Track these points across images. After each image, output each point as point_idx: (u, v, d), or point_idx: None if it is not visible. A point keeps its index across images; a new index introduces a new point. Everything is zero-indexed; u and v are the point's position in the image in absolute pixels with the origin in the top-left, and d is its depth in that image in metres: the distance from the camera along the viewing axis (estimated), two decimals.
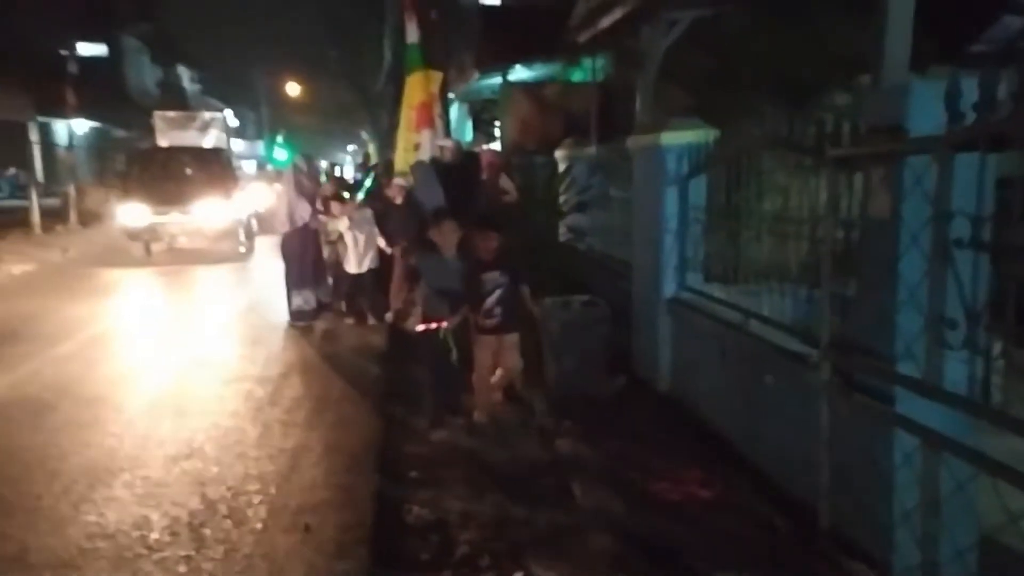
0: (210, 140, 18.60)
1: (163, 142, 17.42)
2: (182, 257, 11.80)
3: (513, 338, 4.36)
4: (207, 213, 11.55)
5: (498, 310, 4.24)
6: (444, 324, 4.30)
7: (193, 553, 2.96)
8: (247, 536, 3.11)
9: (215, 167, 13.06)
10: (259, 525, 3.21)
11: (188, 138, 18.21)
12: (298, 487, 3.60)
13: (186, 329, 7.31)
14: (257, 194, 14.76)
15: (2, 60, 20.62)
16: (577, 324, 4.81)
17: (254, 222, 13.53)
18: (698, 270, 4.57)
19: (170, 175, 12.65)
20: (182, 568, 2.84)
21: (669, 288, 4.69)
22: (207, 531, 3.14)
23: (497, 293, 4.22)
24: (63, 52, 20.08)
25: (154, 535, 3.10)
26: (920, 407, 2.20)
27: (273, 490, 3.56)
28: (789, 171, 3.40)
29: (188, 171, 13.04)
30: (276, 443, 4.18)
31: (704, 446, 3.87)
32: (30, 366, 5.77)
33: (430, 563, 2.96)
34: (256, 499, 3.46)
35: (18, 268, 10.99)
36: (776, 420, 3.24)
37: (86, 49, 24.04)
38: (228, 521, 3.24)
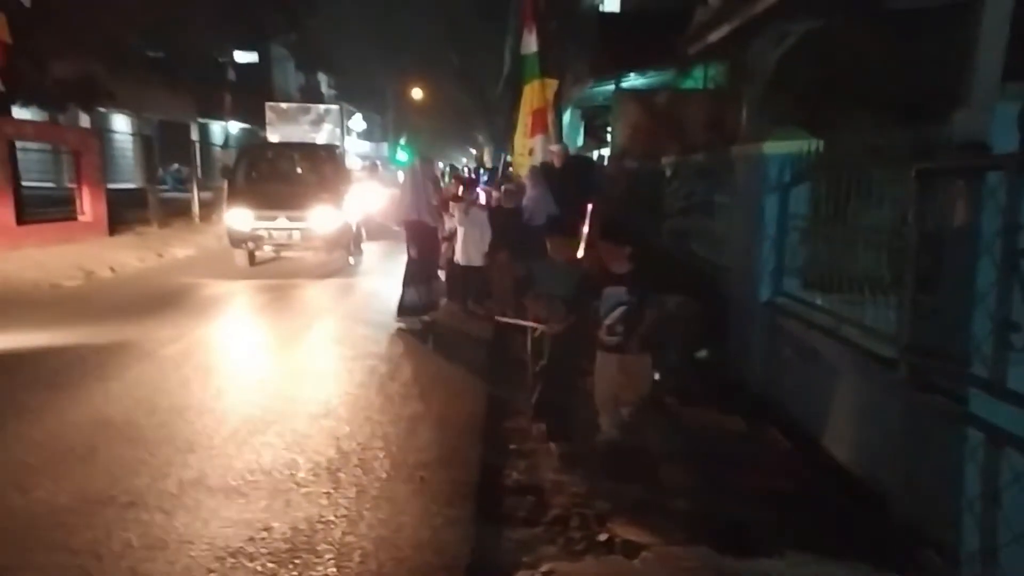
0: (323, 135, 17.32)
1: (274, 137, 16.67)
2: (287, 270, 10.74)
3: (638, 361, 3.95)
4: (317, 218, 10.34)
5: (620, 328, 3.87)
6: (539, 326, 4.22)
7: (331, 491, 3.55)
8: (374, 482, 3.66)
9: (328, 166, 11.69)
10: (383, 474, 3.76)
11: (300, 133, 17.10)
12: (414, 447, 4.13)
13: (319, 310, 8.16)
14: (369, 196, 13.48)
15: (172, 68, 23.29)
16: (668, 321, 5.05)
17: (363, 229, 12.45)
18: (795, 276, 4.71)
19: (279, 174, 11.58)
20: (324, 501, 3.43)
21: (765, 292, 4.86)
22: (342, 475, 3.73)
23: (620, 311, 3.86)
24: (222, 60, 22.35)
25: (300, 474, 3.72)
26: (987, 406, 2.36)
27: (394, 448, 4.12)
28: (885, 184, 3.53)
29: (298, 170, 11.82)
30: (396, 411, 4.77)
31: (790, 442, 4.04)
32: (195, 333, 6.77)
33: (525, 519, 3.38)
34: (380, 454, 4.03)
35: (182, 252, 12.56)
36: (858, 419, 3.40)
37: (240, 57, 26.54)
38: (359, 469, 3.81)
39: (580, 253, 4.29)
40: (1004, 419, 2.29)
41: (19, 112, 14.20)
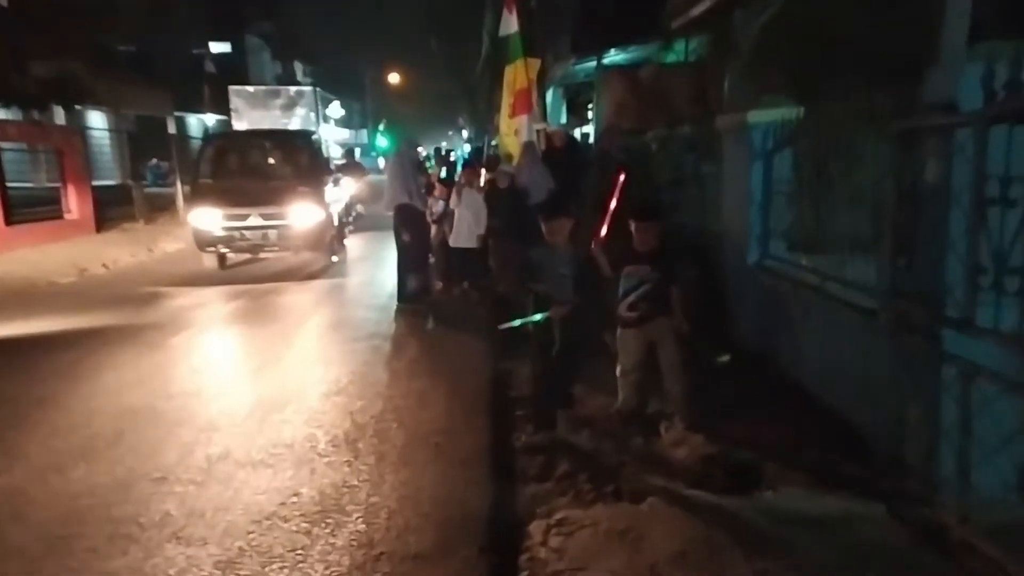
0: (297, 121, 15.28)
1: (240, 124, 14.33)
2: (262, 272, 9.68)
3: (665, 325, 3.82)
4: (294, 214, 9.27)
5: (642, 305, 3.82)
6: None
7: (352, 459, 3.74)
8: (391, 450, 3.86)
9: (303, 155, 10.48)
10: (400, 443, 3.95)
11: (271, 119, 14.97)
12: (427, 418, 4.33)
13: (321, 296, 8.30)
14: (350, 185, 12.88)
15: (147, 62, 23.05)
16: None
17: (349, 218, 11.80)
18: (781, 239, 4.92)
19: (248, 167, 10.33)
20: (346, 468, 3.62)
21: (754, 255, 5.07)
22: (360, 445, 3.92)
23: (643, 288, 3.80)
24: (198, 52, 22.12)
25: (321, 446, 3.91)
26: (959, 343, 2.58)
27: (407, 419, 4.31)
28: (865, 144, 3.72)
29: (270, 161, 10.65)
30: (404, 386, 4.96)
31: (783, 392, 4.28)
32: (204, 315, 6.88)
33: (537, 476, 3.58)
34: (394, 425, 4.22)
35: (172, 246, 12.59)
36: (844, 366, 3.64)
37: (215, 48, 26.26)
38: (375, 439, 4.00)
39: (603, 231, 4.17)
40: (975, 354, 2.52)
41: None
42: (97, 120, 23.34)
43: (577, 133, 14.14)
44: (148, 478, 3.53)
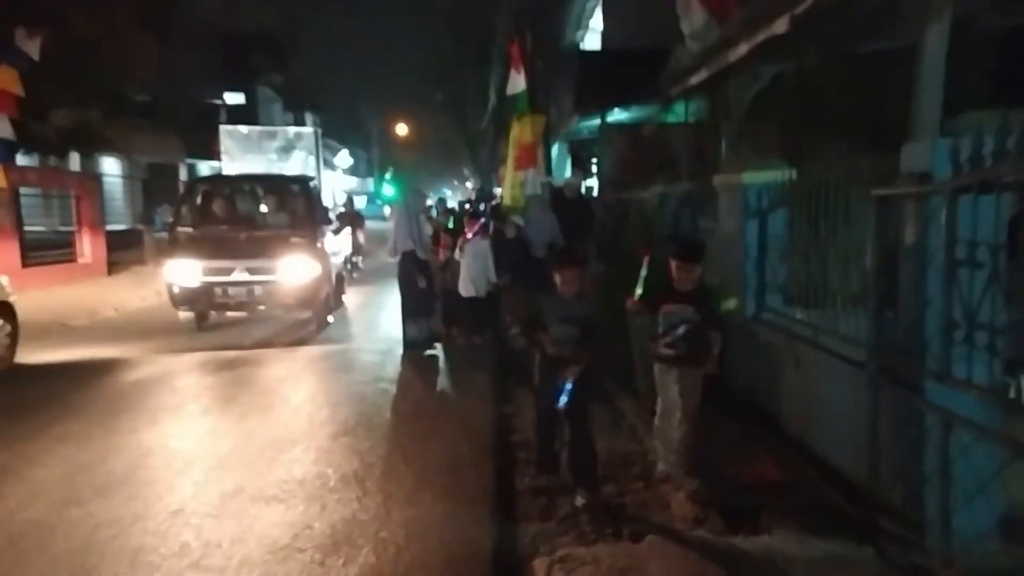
0: (295, 165, 13.51)
1: (231, 168, 12.86)
2: (247, 334, 8.58)
3: (696, 374, 3.83)
4: (286, 269, 8.27)
5: (682, 344, 3.76)
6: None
7: (361, 496, 3.87)
8: (399, 488, 3.99)
9: (299, 203, 9.42)
10: (407, 481, 4.09)
11: (265, 163, 13.39)
12: (432, 458, 4.47)
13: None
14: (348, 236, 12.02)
15: (161, 110, 23.78)
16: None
17: (348, 270, 11.11)
18: (777, 292, 5.14)
19: (237, 214, 9.32)
20: (355, 505, 3.76)
21: (750, 308, 5.29)
22: (368, 483, 4.06)
23: (683, 329, 3.74)
24: (214, 101, 22.82)
25: (331, 483, 4.05)
26: (940, 393, 2.77)
27: (413, 459, 4.45)
28: (851, 207, 3.98)
29: (263, 208, 9.88)
30: (410, 426, 5.11)
31: (777, 441, 4.43)
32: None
33: (539, 516, 3.71)
34: (401, 465, 4.36)
35: None
36: (834, 416, 3.81)
37: (229, 99, 27.09)
38: (383, 478, 4.14)
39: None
40: (954, 403, 2.70)
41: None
42: (110, 166, 23.95)
43: (582, 186, 14.58)
44: (165, 511, 3.67)
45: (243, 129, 13.86)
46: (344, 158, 47.85)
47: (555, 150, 15.43)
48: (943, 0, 2.94)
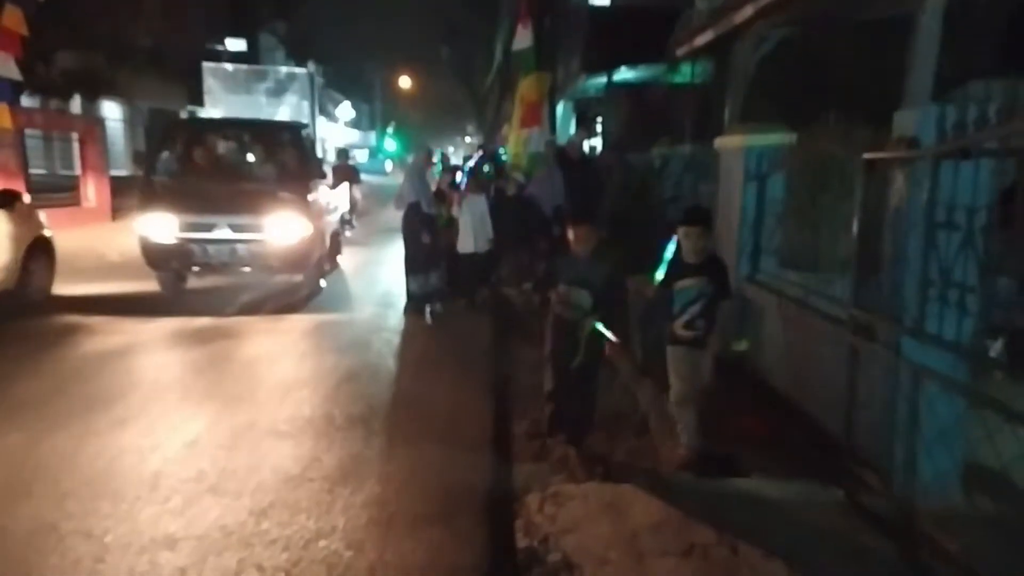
0: (287, 110, 12.15)
1: (215, 111, 11.08)
2: (225, 300, 7.60)
3: (708, 355, 3.72)
4: (275, 226, 7.36)
5: (700, 323, 3.61)
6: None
7: (367, 435, 4.10)
8: (401, 429, 4.23)
9: (290, 154, 8.48)
10: (409, 424, 4.32)
11: (253, 106, 11.72)
12: (433, 404, 4.70)
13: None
14: (342, 192, 11.14)
15: (163, 56, 23.51)
16: (659, 299, 5.63)
17: (343, 229, 10.34)
18: (772, 255, 5.30)
19: (220, 165, 8.48)
20: (361, 443, 3.99)
21: (745, 269, 5.45)
22: (374, 424, 4.29)
23: (700, 303, 3.57)
24: (216, 47, 22.56)
25: (337, 422, 4.28)
26: (914, 349, 2.95)
27: (416, 405, 4.68)
28: (845, 173, 4.11)
29: (249, 158, 8.90)
30: (413, 375, 5.33)
31: (763, 396, 4.64)
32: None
33: (533, 458, 3.93)
34: (404, 409, 4.59)
35: None
36: (817, 372, 4.01)
37: (231, 45, 26.72)
38: (387, 420, 4.38)
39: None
40: (926, 359, 2.89)
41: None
42: (112, 111, 23.79)
43: (586, 146, 14.57)
44: (181, 442, 3.90)
45: (228, 67, 11.59)
46: (346, 110, 47.35)
47: (560, 109, 15.36)
48: None
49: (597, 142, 14.11)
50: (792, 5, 3.78)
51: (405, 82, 43.68)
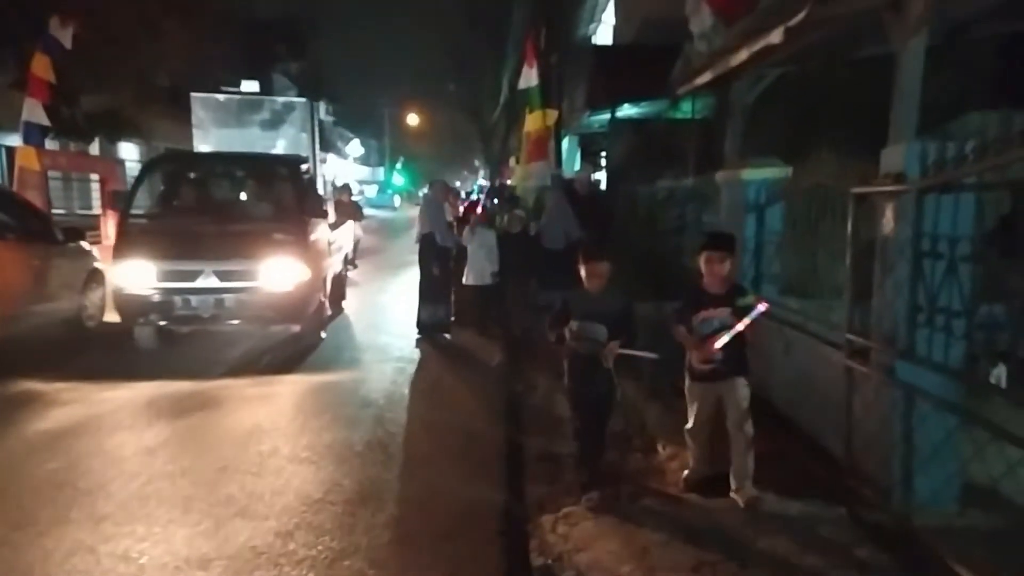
0: (283, 143, 10.85)
1: (204, 145, 9.95)
2: (211, 357, 6.72)
3: (738, 385, 3.56)
4: (268, 273, 6.54)
5: (718, 356, 3.48)
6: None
7: (385, 459, 4.28)
8: (418, 453, 4.42)
9: (286, 190, 7.73)
10: (425, 448, 4.51)
11: (247, 140, 10.56)
12: (449, 429, 4.87)
13: (338, 344, 7.59)
14: (347, 231, 10.47)
15: (178, 97, 24.23)
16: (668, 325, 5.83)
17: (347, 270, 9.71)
18: (772, 282, 5.49)
19: (206, 204, 7.64)
20: (380, 466, 4.16)
21: None
22: (391, 449, 4.47)
23: (725, 336, 3.42)
24: (229, 89, 23.25)
25: (357, 448, 4.45)
26: (907, 371, 3.12)
27: (431, 429, 4.86)
28: (839, 205, 4.31)
29: (241, 197, 8.25)
30: (429, 402, 5.51)
31: (767, 419, 4.78)
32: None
33: (546, 481, 4.08)
34: (420, 433, 4.78)
35: None
36: (817, 394, 4.16)
37: (244, 86, 27.50)
38: (404, 444, 4.56)
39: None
40: (919, 380, 3.06)
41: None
42: (128, 151, 24.42)
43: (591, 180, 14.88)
44: (211, 468, 4.08)
45: (219, 97, 10.08)
46: (355, 147, 48.30)
47: (565, 143, 15.73)
48: (920, 19, 3.25)
49: (601, 175, 14.43)
50: (782, 49, 4.02)
51: (413, 119, 44.56)
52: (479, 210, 8.38)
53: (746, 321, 3.38)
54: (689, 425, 3.76)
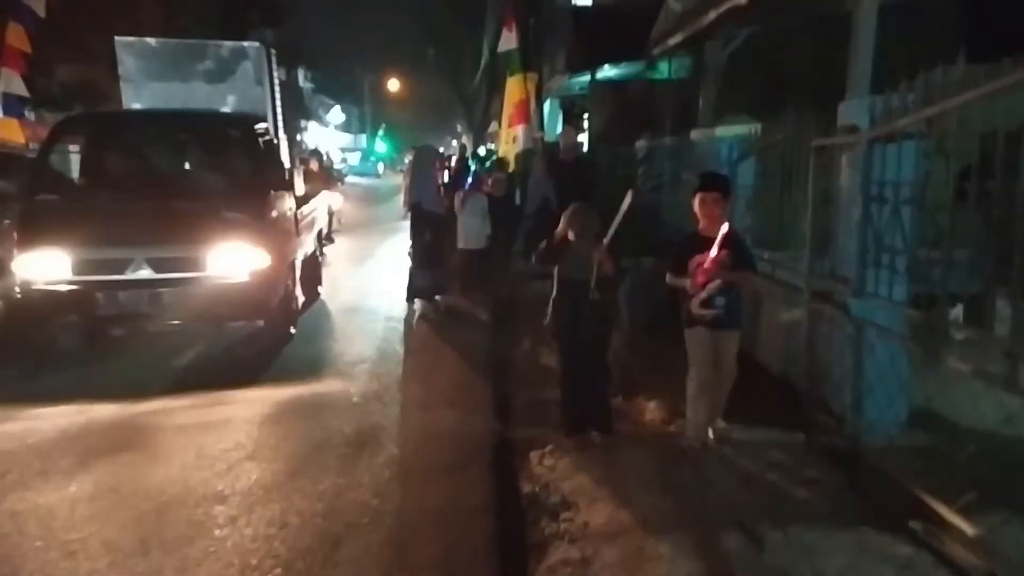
0: (234, 99, 8.33)
1: (136, 102, 8.00)
2: (150, 370, 5.39)
3: (733, 337, 3.56)
4: (218, 260, 5.36)
5: (720, 300, 3.41)
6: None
7: (382, 407, 4.58)
8: (413, 400, 4.71)
9: (238, 157, 6.36)
10: (419, 396, 4.79)
11: (188, 95, 8.09)
12: (440, 379, 5.16)
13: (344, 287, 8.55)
14: (321, 202, 9.20)
15: None
16: (646, 279, 6.11)
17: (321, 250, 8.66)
18: (746, 235, 5.76)
19: (134, 176, 6.12)
20: (377, 414, 4.45)
21: None
22: (386, 397, 4.76)
23: (718, 287, 3.39)
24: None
25: (355, 398, 4.74)
26: (859, 307, 3.43)
27: (424, 381, 5.14)
28: (804, 159, 4.57)
29: (179, 165, 6.73)
30: (420, 355, 5.79)
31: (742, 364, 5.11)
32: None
33: (534, 423, 4.39)
34: (414, 385, 5.06)
35: None
36: (779, 333, 4.49)
37: None
38: (399, 394, 4.85)
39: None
40: (869, 315, 3.37)
41: None
42: None
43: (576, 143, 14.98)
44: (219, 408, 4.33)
45: (151, 41, 8.57)
46: (336, 114, 47.73)
47: (547, 106, 15.79)
48: None
49: (583, 138, 14.57)
50: (747, 11, 4.22)
51: (393, 85, 44.03)
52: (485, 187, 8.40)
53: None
54: (692, 384, 3.59)
